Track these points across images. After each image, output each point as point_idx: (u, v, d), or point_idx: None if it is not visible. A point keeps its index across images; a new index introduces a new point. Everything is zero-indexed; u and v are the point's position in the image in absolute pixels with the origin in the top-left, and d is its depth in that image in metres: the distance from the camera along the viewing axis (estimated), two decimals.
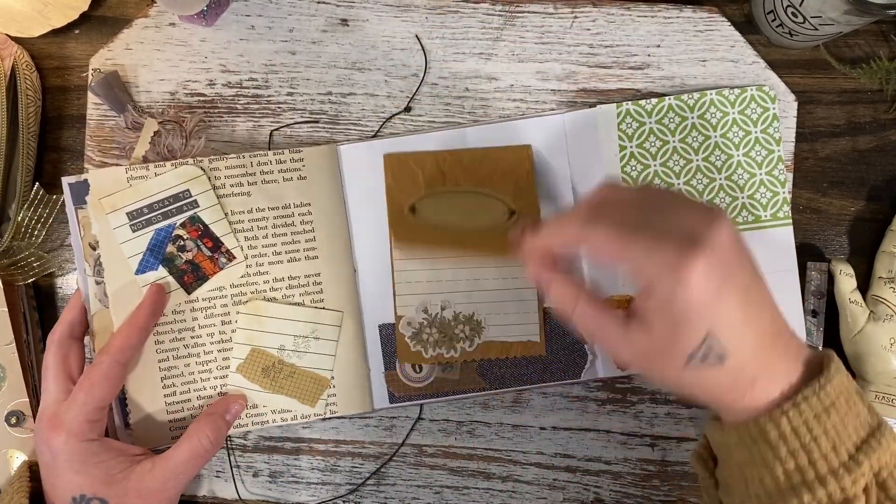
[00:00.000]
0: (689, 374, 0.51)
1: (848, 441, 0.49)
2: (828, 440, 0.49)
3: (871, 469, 0.49)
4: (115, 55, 0.75)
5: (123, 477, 0.65)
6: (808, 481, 0.49)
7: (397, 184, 0.73)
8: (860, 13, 0.64)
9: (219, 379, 0.72)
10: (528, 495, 0.75)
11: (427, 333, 0.73)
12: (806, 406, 0.49)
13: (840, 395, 0.50)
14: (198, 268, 0.71)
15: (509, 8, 0.76)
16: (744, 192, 0.73)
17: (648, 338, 0.51)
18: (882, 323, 0.72)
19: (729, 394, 0.52)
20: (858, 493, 0.49)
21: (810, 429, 0.49)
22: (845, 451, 0.49)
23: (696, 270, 0.48)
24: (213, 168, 0.71)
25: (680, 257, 0.48)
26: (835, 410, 0.50)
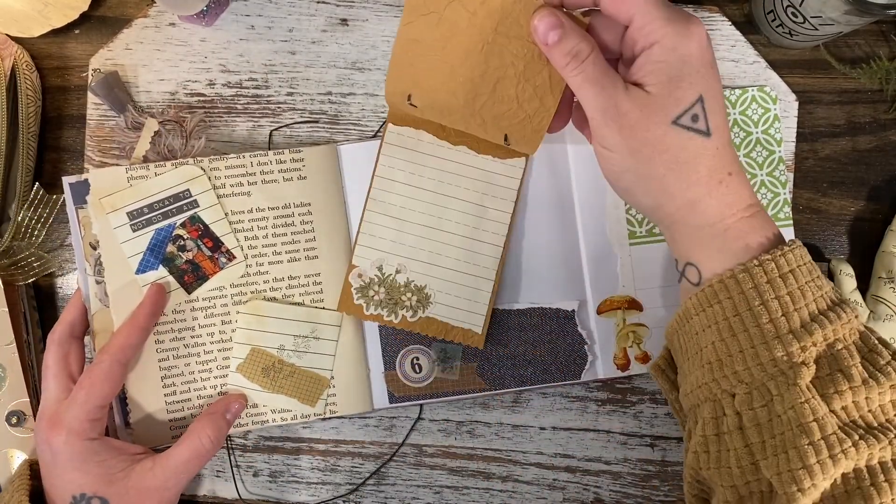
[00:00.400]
0: (672, 132, 0.53)
1: (804, 309, 0.50)
2: (779, 305, 0.50)
3: (826, 339, 0.50)
4: (115, 55, 0.75)
5: (124, 476, 0.65)
6: (755, 345, 0.51)
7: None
8: (860, 13, 0.64)
9: (219, 378, 0.72)
10: (528, 495, 0.75)
11: (374, 291, 0.72)
12: (759, 271, 0.51)
13: (802, 266, 0.52)
14: (198, 267, 0.71)
15: None
16: None
17: (644, 95, 0.53)
18: (882, 323, 0.72)
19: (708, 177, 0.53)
20: (808, 361, 0.50)
21: (761, 293, 0.51)
22: (798, 318, 0.50)
23: (702, 30, 0.52)
24: (213, 168, 0.71)
25: (688, 15, 0.52)
26: (793, 277, 0.51)
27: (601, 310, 0.73)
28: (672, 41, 0.51)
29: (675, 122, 0.52)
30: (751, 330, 0.51)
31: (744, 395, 0.52)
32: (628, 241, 0.73)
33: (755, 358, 0.50)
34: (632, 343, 0.73)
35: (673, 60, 0.52)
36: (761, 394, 0.51)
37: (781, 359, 0.50)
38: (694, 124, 0.52)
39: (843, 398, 0.49)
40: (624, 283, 0.73)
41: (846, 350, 0.50)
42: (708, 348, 0.54)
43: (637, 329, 0.73)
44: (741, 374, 0.51)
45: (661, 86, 0.52)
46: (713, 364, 0.53)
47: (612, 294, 0.73)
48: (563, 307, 0.73)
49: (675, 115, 0.52)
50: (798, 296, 0.51)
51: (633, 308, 0.73)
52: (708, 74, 0.52)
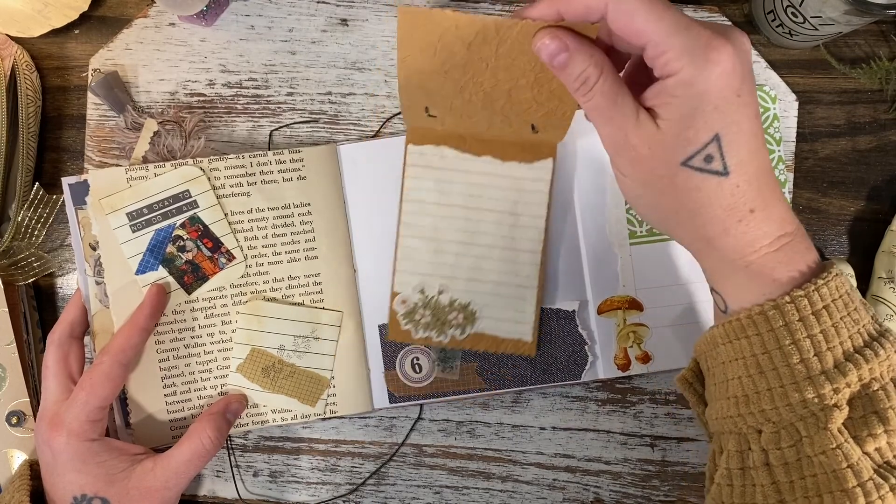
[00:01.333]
0: (682, 174, 0.49)
1: (838, 348, 0.48)
2: (812, 345, 0.48)
3: (861, 380, 0.48)
4: (115, 55, 0.75)
5: (125, 476, 0.65)
6: (784, 385, 0.48)
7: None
8: (860, 13, 0.64)
9: (219, 379, 0.72)
10: (528, 495, 0.75)
11: (420, 314, 0.72)
12: (791, 308, 0.48)
13: (837, 300, 0.49)
14: (198, 268, 0.71)
15: (509, 8, 0.76)
16: None
17: (655, 127, 0.49)
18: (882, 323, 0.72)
19: (724, 216, 0.50)
20: (840, 404, 0.47)
21: (792, 332, 0.48)
22: (832, 358, 0.47)
23: (726, 56, 0.46)
24: (212, 168, 0.71)
25: (712, 39, 0.46)
26: (827, 314, 0.48)
27: (602, 310, 0.73)
28: (688, 74, 0.47)
29: (686, 163, 0.49)
30: (780, 369, 0.48)
31: (771, 434, 0.50)
32: (629, 241, 0.73)
33: (784, 398, 0.48)
34: (632, 343, 0.73)
35: (688, 97, 0.47)
36: (790, 434, 0.49)
37: (812, 400, 0.47)
38: (708, 165, 0.48)
39: (877, 441, 0.47)
40: (624, 282, 0.73)
41: (882, 391, 0.48)
42: (734, 382, 0.52)
43: (637, 329, 0.73)
44: (769, 412, 0.49)
45: (673, 123, 0.48)
46: (739, 399, 0.51)
47: (613, 294, 0.73)
48: (564, 307, 0.73)
49: (684, 156, 0.49)
50: (832, 334, 0.48)
51: (633, 308, 0.73)
52: (729, 109, 0.47)
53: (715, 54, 0.46)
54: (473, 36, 0.57)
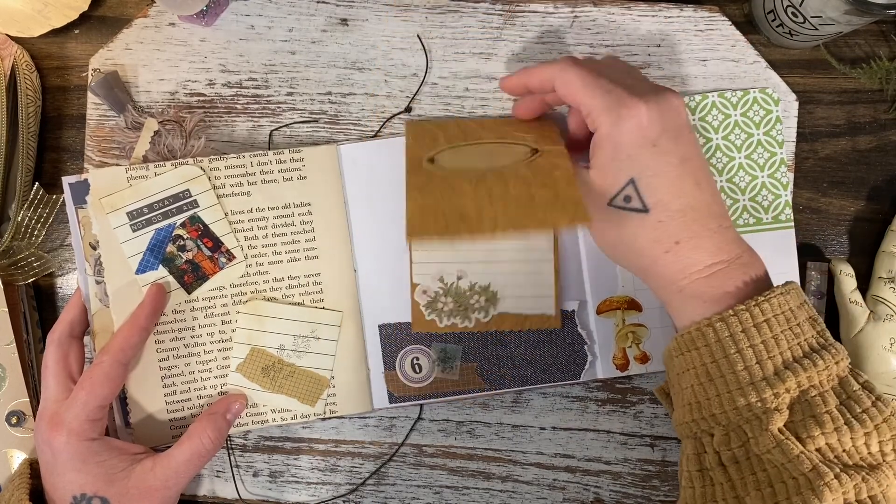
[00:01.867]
0: (610, 213, 0.58)
1: (778, 357, 0.53)
2: (754, 354, 0.53)
3: (799, 386, 0.52)
4: (115, 55, 0.75)
5: (124, 476, 0.65)
6: (731, 391, 0.53)
7: (417, 143, 0.68)
8: (860, 13, 0.64)
9: (219, 378, 0.72)
10: (528, 495, 0.75)
11: (442, 302, 0.73)
12: (735, 320, 0.53)
13: (779, 314, 0.54)
14: (198, 267, 0.71)
15: (509, 8, 0.76)
16: (745, 195, 0.73)
17: (587, 181, 0.59)
18: (882, 323, 0.72)
19: (651, 247, 0.57)
20: (781, 408, 0.52)
21: (736, 341, 0.53)
22: (772, 366, 0.52)
23: (637, 114, 0.55)
24: (213, 168, 0.71)
25: (627, 99, 0.56)
26: (767, 327, 0.53)
27: (601, 310, 0.73)
28: (606, 129, 0.56)
29: (610, 203, 0.57)
30: (727, 376, 0.53)
31: (721, 437, 0.54)
32: None
33: (731, 402, 0.53)
34: (631, 343, 0.73)
35: (608, 148, 0.57)
36: (738, 435, 0.54)
37: (755, 404, 0.52)
38: (627, 204, 0.57)
39: (815, 442, 0.51)
40: (623, 283, 0.73)
41: (820, 397, 0.52)
42: (688, 390, 0.57)
43: (636, 329, 0.73)
44: (718, 416, 0.54)
45: (599, 170, 0.58)
46: (692, 405, 0.56)
47: (612, 294, 0.73)
48: (563, 307, 0.73)
49: (608, 198, 0.57)
50: (772, 344, 0.53)
51: (632, 308, 0.73)
52: (643, 156, 0.56)
53: (626, 111, 0.55)
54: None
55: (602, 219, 0.58)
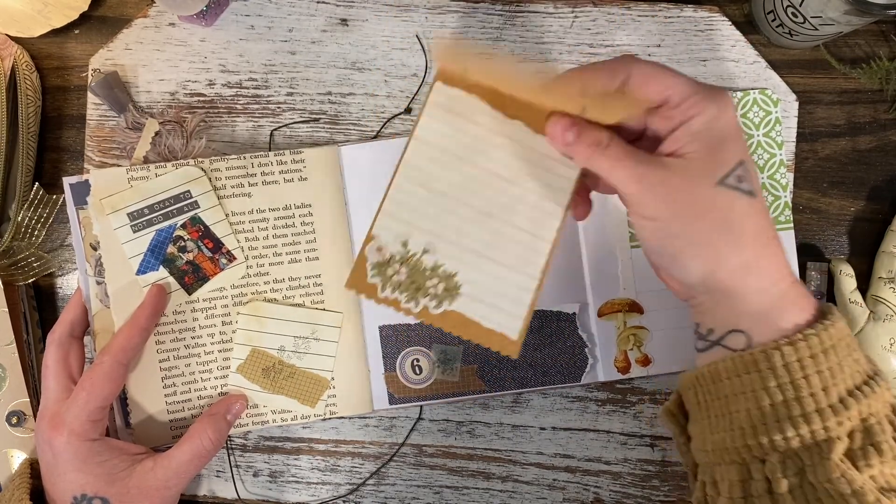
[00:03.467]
0: (719, 193, 0.52)
1: (841, 384, 0.51)
2: (820, 380, 0.51)
3: (860, 414, 0.51)
4: (115, 55, 0.75)
5: (125, 476, 0.65)
6: (793, 416, 0.51)
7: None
8: (860, 13, 0.64)
9: (219, 379, 0.72)
10: (528, 495, 0.76)
11: (394, 270, 0.59)
12: (804, 345, 0.51)
13: (841, 341, 0.52)
14: (198, 268, 0.71)
15: (509, 8, 0.76)
16: None
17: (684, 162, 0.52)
18: (882, 323, 0.72)
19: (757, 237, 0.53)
20: (842, 436, 0.50)
21: (804, 367, 0.51)
22: (836, 393, 0.51)
23: (731, 103, 0.53)
24: (213, 169, 0.71)
25: (720, 91, 0.53)
26: (833, 353, 0.51)
27: (602, 312, 0.73)
28: (713, 113, 0.52)
29: (722, 182, 0.52)
30: (790, 402, 0.51)
31: (776, 464, 0.52)
32: (629, 244, 0.73)
33: (794, 429, 0.51)
34: (632, 346, 0.73)
35: (715, 129, 0.52)
36: (794, 463, 0.52)
37: (818, 431, 0.50)
38: (740, 184, 0.52)
39: (871, 470, 0.50)
40: (625, 285, 0.73)
41: (878, 425, 0.51)
42: (741, 413, 0.53)
43: (638, 332, 0.73)
44: (777, 442, 0.51)
45: (703, 151, 0.52)
46: (746, 430, 0.53)
47: (613, 297, 0.73)
48: (564, 310, 0.73)
49: (720, 175, 0.52)
50: (837, 371, 0.51)
51: (633, 311, 0.73)
52: (742, 143, 0.53)
53: (727, 99, 0.53)
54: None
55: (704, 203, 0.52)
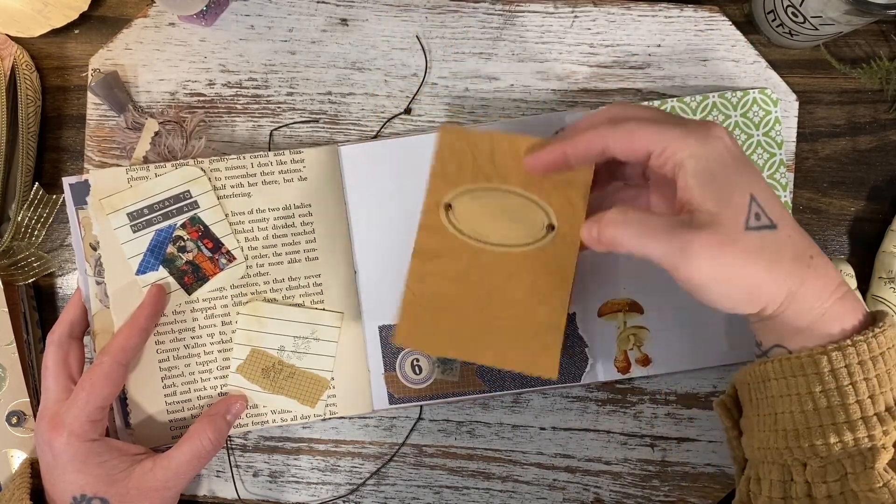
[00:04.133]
0: (749, 238, 0.51)
1: (889, 393, 0.50)
2: (868, 387, 0.50)
3: None
4: (115, 55, 0.75)
5: (125, 476, 0.65)
6: (838, 423, 0.50)
7: (443, 169, 0.62)
8: (860, 13, 0.64)
9: (219, 379, 0.72)
10: (528, 495, 0.76)
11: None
12: (852, 351, 0.51)
13: (892, 348, 0.51)
14: (198, 268, 0.71)
15: (509, 8, 0.76)
16: None
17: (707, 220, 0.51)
18: None
19: (795, 266, 0.52)
20: (888, 445, 0.50)
21: (851, 373, 0.51)
22: (884, 402, 0.50)
23: (718, 132, 0.52)
24: (213, 169, 0.71)
25: (708, 127, 0.52)
26: (882, 361, 0.51)
27: (602, 312, 0.73)
28: (694, 148, 0.51)
29: (747, 227, 0.51)
30: (834, 408, 0.51)
31: (817, 468, 0.52)
32: None
33: (836, 435, 0.51)
34: (632, 346, 0.73)
35: (711, 164, 0.51)
36: (836, 469, 0.51)
37: (863, 439, 0.50)
38: (759, 222, 0.51)
39: None
40: (625, 285, 0.73)
41: None
42: (785, 415, 0.54)
43: (638, 332, 0.73)
44: (818, 447, 0.51)
45: (714, 204, 0.51)
46: (789, 432, 0.53)
47: (613, 297, 0.73)
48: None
49: (741, 221, 0.51)
50: (885, 379, 0.51)
51: (633, 311, 0.73)
52: (746, 170, 0.52)
53: (708, 130, 0.52)
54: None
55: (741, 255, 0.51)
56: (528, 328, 0.61)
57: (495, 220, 0.62)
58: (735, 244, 0.50)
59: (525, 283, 0.61)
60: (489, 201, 0.62)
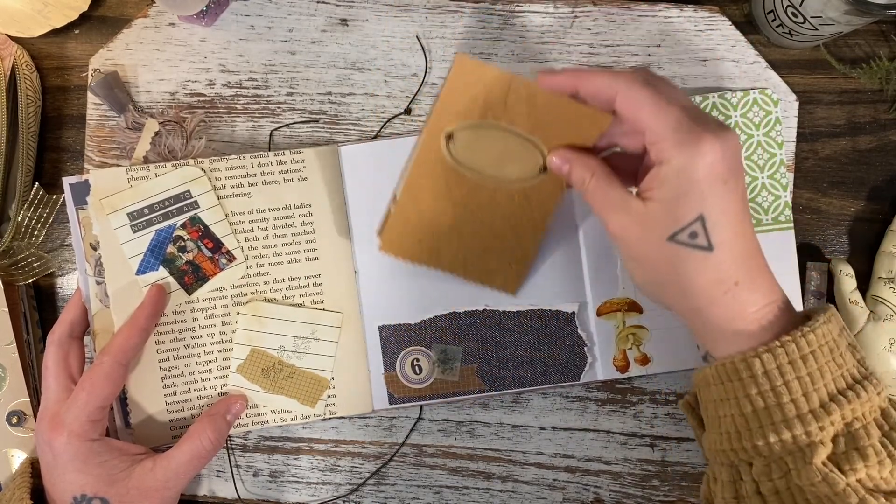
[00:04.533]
0: (670, 249, 0.54)
1: (823, 389, 0.52)
2: (800, 386, 0.52)
3: (843, 419, 0.51)
4: (115, 55, 0.75)
5: (125, 476, 0.65)
6: (775, 422, 0.52)
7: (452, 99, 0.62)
8: (860, 13, 0.64)
9: (219, 379, 0.72)
10: (528, 495, 0.76)
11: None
12: (782, 351, 0.52)
13: (823, 345, 0.53)
14: (198, 268, 0.71)
15: (509, 8, 0.76)
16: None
17: (644, 206, 0.55)
18: (882, 323, 0.72)
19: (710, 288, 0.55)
20: (826, 440, 0.51)
21: (783, 373, 0.52)
22: (817, 398, 0.51)
23: (713, 150, 0.52)
24: (213, 169, 0.71)
25: (703, 134, 0.53)
26: (813, 359, 0.52)
27: (601, 311, 0.73)
28: (679, 163, 0.53)
29: (672, 238, 0.54)
30: (771, 408, 0.52)
31: (762, 467, 0.53)
32: None
33: (775, 435, 0.52)
34: (631, 345, 0.73)
35: (677, 182, 0.53)
36: (779, 466, 0.53)
37: (800, 437, 0.51)
38: (692, 241, 0.54)
39: (857, 474, 0.50)
40: (624, 284, 0.73)
41: (864, 429, 0.51)
42: (727, 418, 0.55)
43: (637, 331, 0.73)
44: (760, 448, 0.53)
45: (662, 203, 0.54)
46: (732, 434, 0.55)
47: (612, 296, 0.73)
48: (564, 309, 0.73)
49: (670, 232, 0.54)
50: (817, 376, 0.52)
51: (633, 310, 0.73)
52: (715, 194, 0.53)
53: (705, 146, 0.52)
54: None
55: (655, 256, 0.56)
56: (502, 256, 0.70)
57: (493, 156, 0.64)
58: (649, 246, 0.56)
59: (507, 217, 0.67)
60: (491, 138, 0.64)
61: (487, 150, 0.64)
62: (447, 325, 0.74)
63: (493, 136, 0.63)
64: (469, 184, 0.65)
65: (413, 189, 0.66)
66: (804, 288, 0.75)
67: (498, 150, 0.64)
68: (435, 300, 0.74)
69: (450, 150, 0.64)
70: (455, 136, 0.63)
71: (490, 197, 0.66)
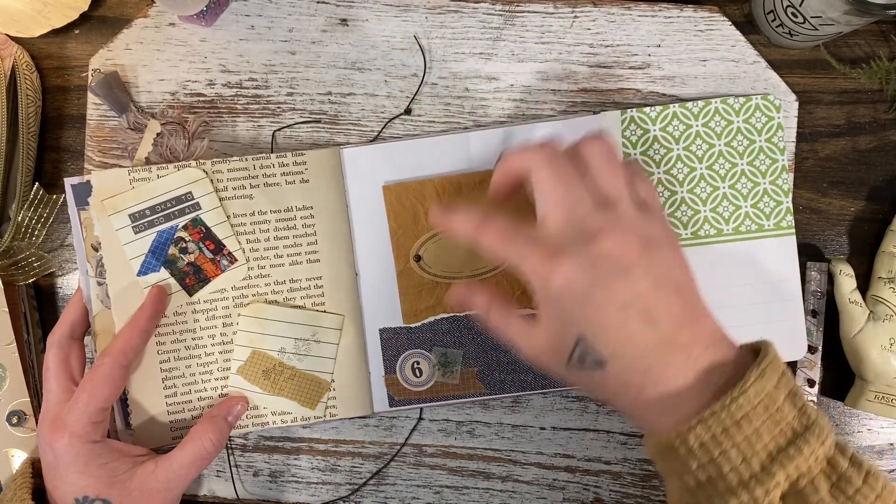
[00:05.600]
0: (572, 374, 0.55)
1: (762, 451, 0.50)
2: (738, 452, 0.50)
3: (788, 478, 0.49)
4: (115, 55, 0.75)
5: (126, 478, 0.65)
6: (720, 492, 0.50)
7: (400, 227, 0.71)
8: (860, 13, 0.64)
9: (220, 380, 0.72)
10: (528, 495, 0.76)
11: None
12: (714, 421, 0.50)
13: (757, 405, 0.50)
14: (199, 270, 0.71)
15: (509, 8, 0.76)
16: (747, 202, 0.73)
17: (537, 331, 0.56)
18: (882, 323, 0.72)
19: (619, 398, 0.55)
20: (774, 501, 0.49)
21: (719, 443, 0.50)
22: (758, 461, 0.49)
23: (560, 272, 0.53)
24: (215, 170, 0.71)
25: (547, 260, 0.53)
26: (747, 421, 0.50)
27: None
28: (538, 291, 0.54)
29: (568, 364, 0.55)
30: (714, 480, 0.50)
31: None
32: None
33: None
34: None
35: (546, 308, 0.55)
36: None
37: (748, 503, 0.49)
38: (583, 365, 0.54)
39: None
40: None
41: (811, 485, 0.49)
42: (675, 493, 0.54)
43: None
44: None
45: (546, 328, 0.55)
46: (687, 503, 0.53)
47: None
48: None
49: (564, 358, 0.55)
50: (755, 439, 0.50)
51: None
52: (579, 313, 0.53)
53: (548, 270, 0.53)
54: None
55: (567, 376, 0.56)
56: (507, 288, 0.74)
57: (461, 254, 0.69)
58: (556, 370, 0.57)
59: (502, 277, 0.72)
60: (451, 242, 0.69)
61: (454, 251, 0.69)
62: (448, 328, 0.74)
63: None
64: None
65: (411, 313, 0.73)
66: (804, 288, 0.75)
67: (462, 248, 0.68)
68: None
69: (423, 268, 0.70)
70: (421, 255, 0.69)
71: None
